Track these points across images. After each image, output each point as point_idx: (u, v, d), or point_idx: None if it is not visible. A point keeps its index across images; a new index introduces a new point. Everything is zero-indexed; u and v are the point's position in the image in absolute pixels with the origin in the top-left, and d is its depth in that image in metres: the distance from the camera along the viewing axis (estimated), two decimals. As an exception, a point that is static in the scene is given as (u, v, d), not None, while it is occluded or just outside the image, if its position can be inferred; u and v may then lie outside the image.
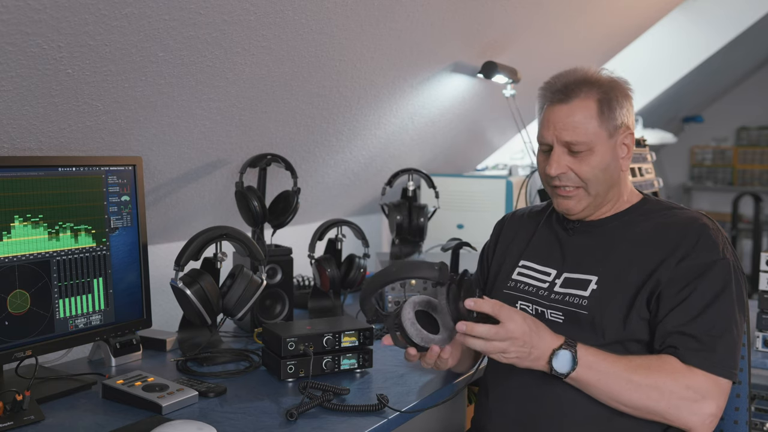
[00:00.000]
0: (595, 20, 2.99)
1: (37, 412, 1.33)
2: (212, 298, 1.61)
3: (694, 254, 1.34)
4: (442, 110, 2.65)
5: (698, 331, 1.30)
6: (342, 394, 1.46)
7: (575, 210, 1.45)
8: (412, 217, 2.36)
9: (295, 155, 2.20)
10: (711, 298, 1.32)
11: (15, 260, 1.42)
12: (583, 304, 1.39)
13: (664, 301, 1.33)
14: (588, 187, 1.43)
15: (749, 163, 6.93)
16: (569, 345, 1.28)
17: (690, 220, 1.39)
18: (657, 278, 1.34)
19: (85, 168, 1.55)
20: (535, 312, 1.45)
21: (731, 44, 4.40)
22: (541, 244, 1.53)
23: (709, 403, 1.27)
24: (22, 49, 1.26)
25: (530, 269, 1.52)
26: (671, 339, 1.31)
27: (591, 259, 1.44)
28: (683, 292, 1.32)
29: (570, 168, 1.41)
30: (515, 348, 1.26)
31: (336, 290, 2.10)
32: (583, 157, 1.40)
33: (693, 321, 1.31)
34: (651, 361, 1.31)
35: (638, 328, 1.35)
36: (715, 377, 1.28)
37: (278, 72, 1.80)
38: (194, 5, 1.41)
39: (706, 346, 1.29)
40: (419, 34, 2.08)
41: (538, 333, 1.28)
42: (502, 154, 3.68)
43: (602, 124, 1.39)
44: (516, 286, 1.51)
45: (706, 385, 1.28)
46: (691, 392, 1.27)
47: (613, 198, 1.47)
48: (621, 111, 1.42)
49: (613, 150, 1.42)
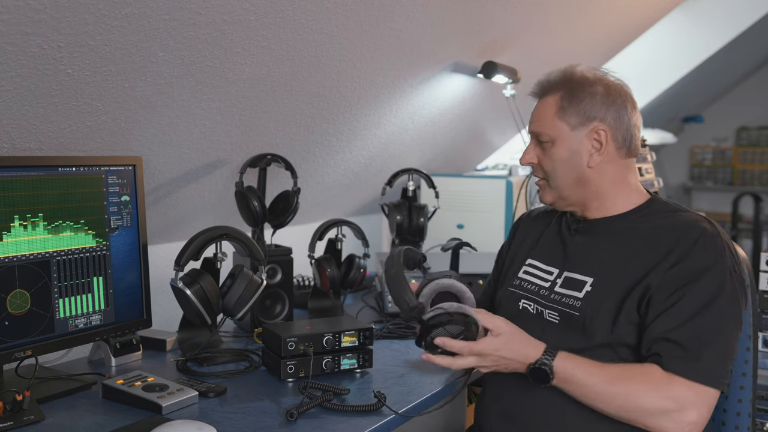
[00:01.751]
0: (595, 20, 2.99)
1: (37, 412, 1.33)
2: (212, 298, 1.61)
3: (687, 259, 1.32)
4: (442, 110, 2.65)
5: (684, 338, 1.27)
6: (342, 394, 1.46)
7: (546, 201, 1.51)
8: (412, 217, 2.36)
9: (295, 155, 2.20)
10: (701, 305, 1.28)
11: (15, 260, 1.42)
12: (576, 306, 1.39)
13: (653, 306, 1.31)
14: (550, 180, 1.47)
15: (749, 163, 6.93)
16: (548, 357, 1.31)
17: (689, 224, 1.36)
18: (648, 282, 1.33)
19: (85, 168, 1.55)
20: (536, 311, 1.46)
21: (731, 44, 4.40)
22: (547, 243, 1.54)
23: (689, 413, 1.24)
24: (22, 49, 1.26)
25: (535, 268, 1.53)
26: (656, 346, 1.29)
27: (589, 259, 1.44)
28: (672, 298, 1.30)
29: (538, 159, 1.47)
30: (488, 362, 1.34)
31: (336, 290, 2.10)
32: (546, 148, 1.46)
33: (679, 327, 1.28)
34: (632, 370, 1.30)
35: (627, 332, 1.34)
36: (698, 385, 1.25)
37: (278, 72, 1.80)
38: (194, 5, 1.41)
39: (691, 353, 1.26)
40: (419, 34, 2.08)
41: (509, 356, 1.33)
42: (502, 154, 3.69)
43: (563, 115, 1.43)
44: (520, 285, 1.53)
45: (687, 394, 1.25)
46: (670, 402, 1.25)
47: (592, 196, 1.45)
48: (586, 105, 1.40)
49: (579, 144, 1.42)
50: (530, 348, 1.33)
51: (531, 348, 1.33)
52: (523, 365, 1.34)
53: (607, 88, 1.42)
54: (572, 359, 1.31)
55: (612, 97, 1.42)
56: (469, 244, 2.29)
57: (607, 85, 1.43)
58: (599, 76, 1.44)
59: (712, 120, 7.02)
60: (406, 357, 1.74)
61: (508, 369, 1.35)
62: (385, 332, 1.92)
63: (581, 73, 1.45)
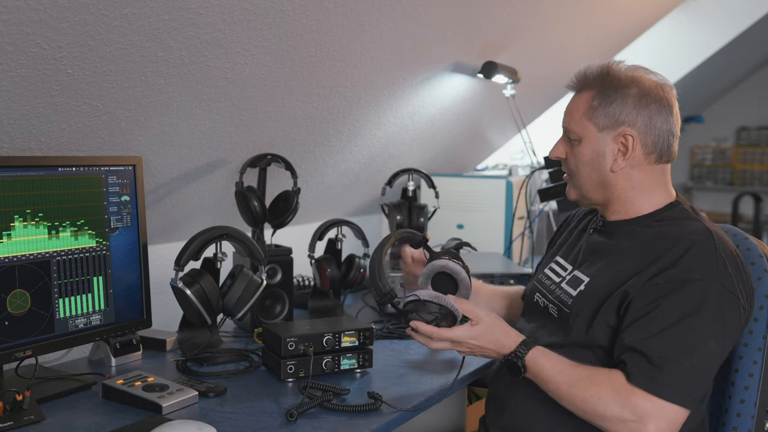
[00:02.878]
0: (595, 20, 2.99)
1: (37, 412, 1.33)
2: (212, 298, 1.61)
3: (671, 270, 1.28)
4: (442, 110, 2.65)
5: (650, 351, 1.23)
6: (342, 394, 1.46)
7: (570, 197, 1.50)
8: (412, 217, 2.36)
9: (295, 155, 2.20)
10: (676, 319, 1.24)
11: (15, 260, 1.42)
12: (568, 303, 1.42)
13: (629, 313, 1.30)
14: (572, 178, 1.46)
15: (749, 163, 6.93)
16: (520, 351, 1.35)
17: (685, 234, 1.32)
18: (627, 288, 1.31)
19: (85, 168, 1.54)
20: (543, 305, 1.51)
21: (731, 44, 4.41)
22: (572, 241, 1.57)
23: (647, 425, 1.20)
24: (22, 49, 1.26)
25: (558, 264, 1.55)
26: (624, 355, 1.27)
27: (594, 260, 1.45)
28: (648, 307, 1.27)
29: (565, 154, 1.46)
30: (463, 348, 1.40)
31: (336, 290, 2.10)
32: (573, 145, 1.44)
33: (648, 339, 1.25)
34: (598, 375, 1.28)
35: (601, 335, 1.34)
36: (659, 400, 1.21)
37: (278, 72, 1.80)
38: (194, 5, 1.41)
39: (655, 367, 1.22)
40: (419, 34, 2.08)
41: (485, 345, 1.38)
42: (502, 154, 3.69)
43: (591, 115, 1.39)
44: (540, 279, 1.56)
45: (646, 407, 1.21)
46: (628, 412, 1.22)
47: (614, 199, 1.43)
48: (617, 107, 1.37)
49: (604, 146, 1.39)
50: (507, 339, 1.38)
51: (508, 339, 1.38)
52: (499, 355, 1.39)
53: (642, 91, 1.37)
54: (545, 355, 1.34)
55: (646, 100, 1.37)
56: (469, 244, 2.28)
57: (642, 86, 1.37)
58: (636, 77, 1.39)
59: (712, 120, 7.02)
60: (406, 357, 1.74)
61: (484, 356, 1.42)
62: (385, 332, 1.92)
63: (617, 72, 1.39)
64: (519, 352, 1.35)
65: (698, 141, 7.13)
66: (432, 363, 1.69)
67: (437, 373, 1.62)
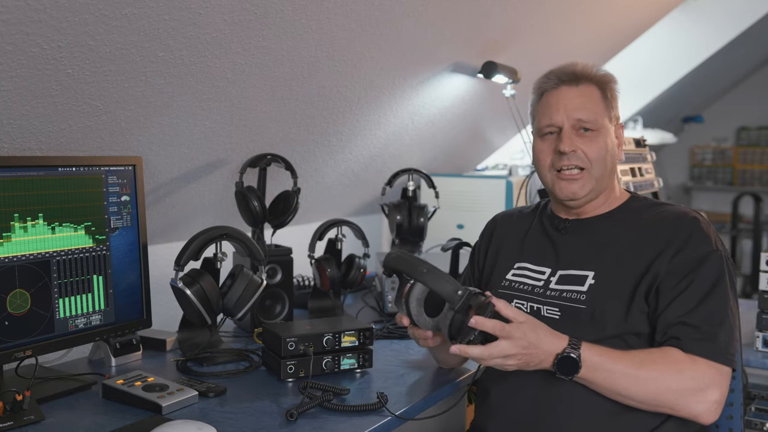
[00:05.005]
0: (595, 20, 2.99)
1: (37, 412, 1.33)
2: (212, 298, 1.61)
3: (688, 247, 1.37)
4: (442, 110, 2.65)
5: (699, 321, 1.32)
6: (342, 394, 1.46)
7: (580, 194, 1.46)
8: (412, 217, 2.36)
9: (295, 155, 2.20)
10: (708, 289, 1.34)
11: (15, 260, 1.42)
12: (581, 299, 1.40)
13: (663, 293, 1.35)
14: (592, 169, 1.46)
15: (749, 163, 6.93)
16: (573, 347, 1.28)
17: (681, 215, 1.43)
18: (655, 272, 1.37)
19: (85, 168, 1.55)
20: (530, 309, 1.45)
21: (731, 44, 4.40)
22: (534, 245, 1.55)
23: (713, 391, 1.28)
24: (22, 49, 1.26)
25: (525, 269, 1.53)
26: (673, 330, 1.32)
27: (585, 256, 1.45)
28: (681, 284, 1.35)
29: (580, 147, 1.45)
30: (513, 361, 1.27)
31: (336, 290, 2.10)
32: (591, 137, 1.46)
33: (693, 311, 1.32)
34: (654, 354, 1.32)
35: (638, 322, 1.36)
36: (717, 365, 1.29)
37: (278, 72, 1.80)
38: (194, 5, 1.41)
39: (708, 335, 1.31)
40: (419, 34, 2.08)
41: (537, 343, 1.27)
42: (502, 154, 3.68)
43: (606, 108, 1.48)
44: (511, 285, 1.52)
45: (709, 374, 1.28)
46: (696, 382, 1.28)
47: (607, 189, 1.51)
48: (617, 102, 1.51)
49: (613, 137, 1.49)
50: (555, 337, 1.29)
51: (556, 337, 1.29)
52: (550, 355, 1.28)
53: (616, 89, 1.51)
54: (595, 348, 1.29)
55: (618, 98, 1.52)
56: (469, 244, 2.29)
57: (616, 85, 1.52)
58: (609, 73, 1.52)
59: (712, 120, 7.01)
60: (406, 357, 1.74)
61: (532, 363, 1.28)
62: (385, 332, 1.92)
63: (595, 68, 1.50)
64: (572, 348, 1.27)
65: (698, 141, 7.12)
66: (432, 363, 1.69)
67: (437, 373, 1.62)
